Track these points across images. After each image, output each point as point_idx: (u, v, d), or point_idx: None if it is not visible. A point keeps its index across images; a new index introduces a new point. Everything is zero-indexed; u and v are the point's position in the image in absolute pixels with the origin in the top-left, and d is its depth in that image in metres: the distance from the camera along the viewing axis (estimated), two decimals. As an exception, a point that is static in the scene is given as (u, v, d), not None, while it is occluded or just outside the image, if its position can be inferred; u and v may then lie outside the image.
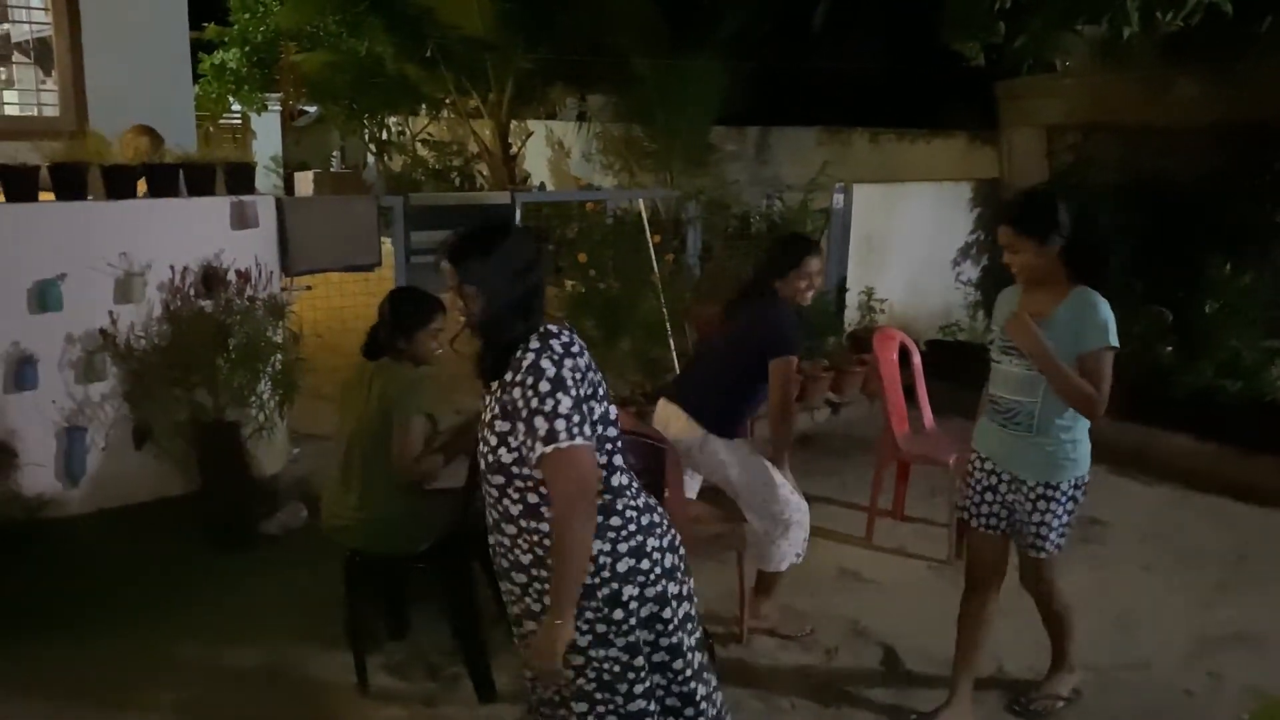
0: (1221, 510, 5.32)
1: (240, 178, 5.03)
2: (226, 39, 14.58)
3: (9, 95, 6.25)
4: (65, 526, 4.48)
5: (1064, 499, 3.15)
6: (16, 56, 6.25)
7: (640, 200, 7.14)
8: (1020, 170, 8.17)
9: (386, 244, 5.72)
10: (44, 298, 4.38)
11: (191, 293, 4.69)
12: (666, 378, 6.46)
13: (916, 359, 5.20)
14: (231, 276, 4.76)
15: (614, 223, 7.00)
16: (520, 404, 2.14)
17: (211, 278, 4.74)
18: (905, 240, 7.79)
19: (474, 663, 3.42)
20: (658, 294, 6.45)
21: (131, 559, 4.37)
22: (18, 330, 4.36)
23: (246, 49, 14.51)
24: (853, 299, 7.48)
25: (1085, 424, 3.12)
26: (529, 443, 2.15)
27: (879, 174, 9.67)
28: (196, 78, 13.44)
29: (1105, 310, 3.02)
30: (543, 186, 13.59)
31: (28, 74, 6.19)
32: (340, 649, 3.49)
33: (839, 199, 7.50)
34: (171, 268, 4.66)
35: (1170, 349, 6.19)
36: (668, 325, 6.46)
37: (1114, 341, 2.99)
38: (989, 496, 3.28)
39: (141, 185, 4.73)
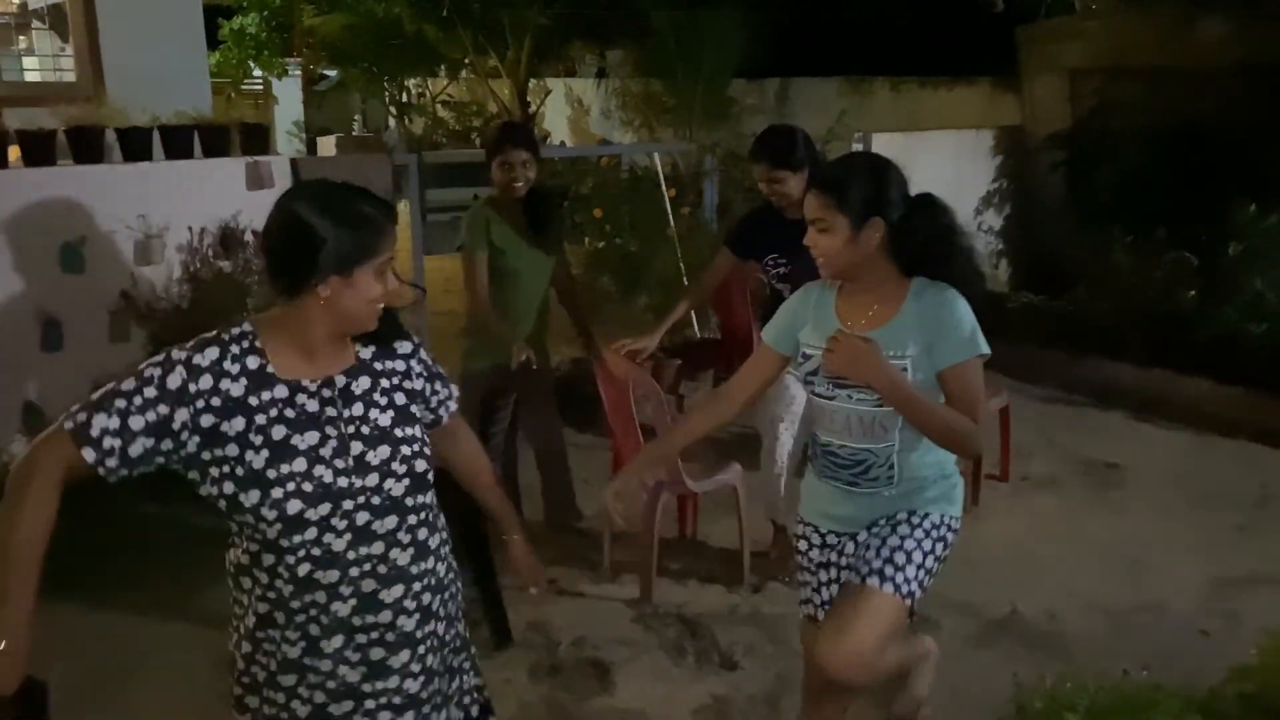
0: (1244, 454, 5.28)
1: (255, 139, 5.06)
2: (245, 3, 14.57)
3: (29, 62, 6.31)
4: (92, 485, 4.56)
5: (934, 532, 2.34)
6: (35, 24, 6.30)
7: (656, 155, 7.10)
8: (1043, 117, 8.06)
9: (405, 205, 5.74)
10: (66, 261, 4.44)
11: (210, 254, 4.74)
12: (684, 333, 6.47)
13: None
14: (249, 237, 4.80)
15: (630, 178, 6.97)
16: (419, 370, 1.96)
17: (229, 239, 4.78)
18: (926, 189, 7.70)
19: (492, 604, 3.45)
20: (675, 249, 6.44)
21: (158, 516, 4.46)
22: (41, 293, 4.43)
23: (265, 13, 14.50)
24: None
25: None
26: (437, 406, 2.01)
27: (901, 123, 9.55)
28: (217, 44, 13.45)
29: (965, 309, 2.22)
30: (563, 145, 13.54)
31: (46, 41, 6.24)
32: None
33: (858, 149, 7.43)
34: (190, 229, 4.70)
35: (1193, 293, 6.11)
36: (685, 280, 6.45)
37: (985, 349, 2.22)
38: (823, 575, 2.46)
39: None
